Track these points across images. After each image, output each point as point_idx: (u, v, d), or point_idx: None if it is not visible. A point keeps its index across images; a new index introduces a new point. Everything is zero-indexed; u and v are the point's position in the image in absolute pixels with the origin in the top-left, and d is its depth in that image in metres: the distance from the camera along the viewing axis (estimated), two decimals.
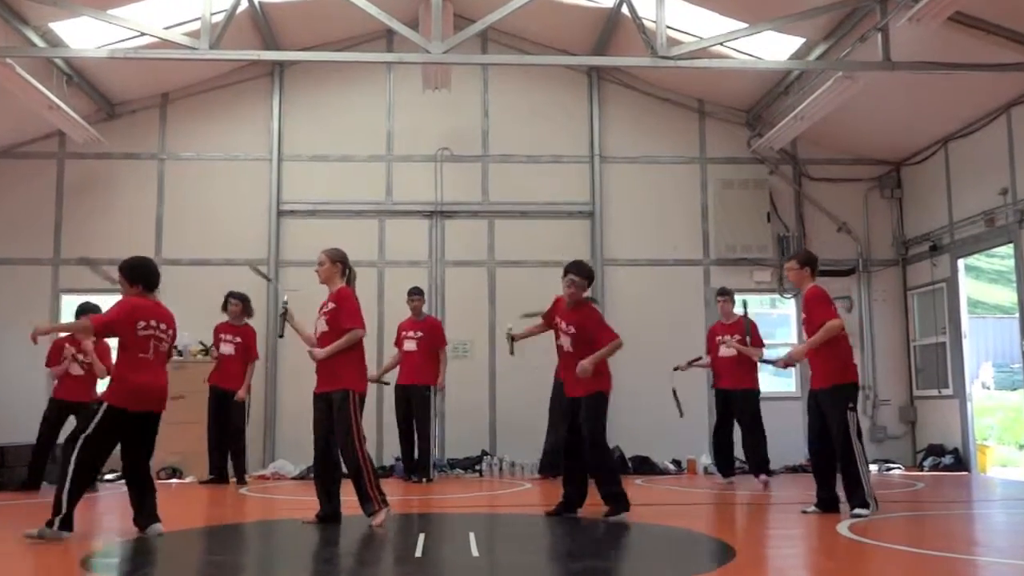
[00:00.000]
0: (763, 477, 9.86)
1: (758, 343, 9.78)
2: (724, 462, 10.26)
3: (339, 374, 6.46)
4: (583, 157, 12.99)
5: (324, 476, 6.61)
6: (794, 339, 12.44)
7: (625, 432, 11.91)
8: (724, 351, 10.04)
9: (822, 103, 10.54)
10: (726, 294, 10.13)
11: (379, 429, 11.89)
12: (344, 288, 6.63)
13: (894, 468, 12.01)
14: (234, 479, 10.48)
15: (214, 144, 13.04)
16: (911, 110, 11.33)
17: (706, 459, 11.65)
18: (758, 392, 9.82)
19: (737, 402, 9.86)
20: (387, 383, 10.75)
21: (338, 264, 6.70)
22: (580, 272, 7.02)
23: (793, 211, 13.02)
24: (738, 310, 9.88)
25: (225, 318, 10.84)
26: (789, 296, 12.67)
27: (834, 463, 6.95)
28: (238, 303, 10.69)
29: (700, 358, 10.45)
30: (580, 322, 6.92)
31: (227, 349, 10.69)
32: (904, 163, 12.88)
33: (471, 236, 12.65)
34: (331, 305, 6.56)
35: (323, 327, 6.55)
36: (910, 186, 12.91)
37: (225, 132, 13.04)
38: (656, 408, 11.22)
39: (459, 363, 12.21)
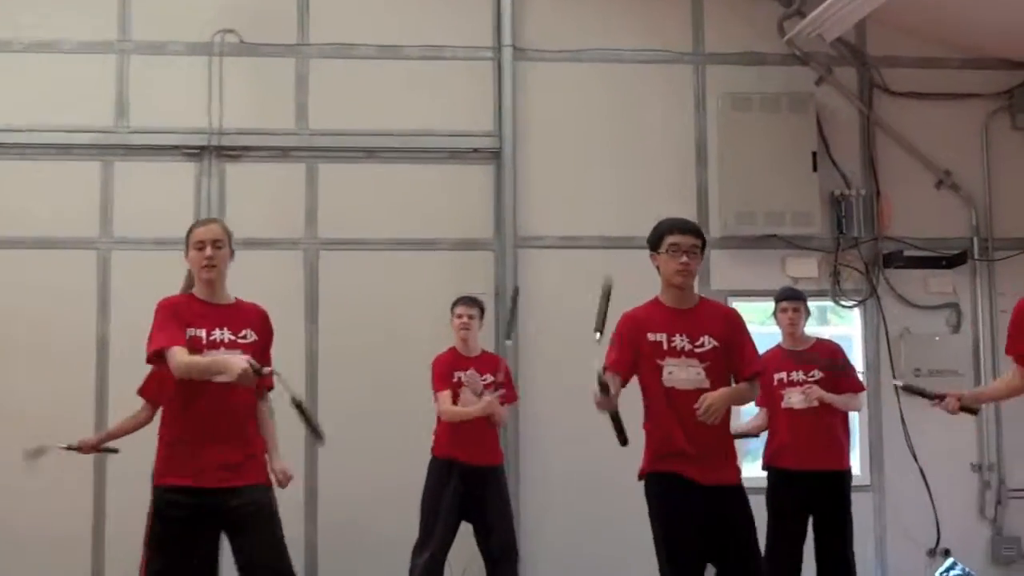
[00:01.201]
0: None
1: (854, 385, 5.97)
2: None
3: None
4: (481, 51, 7.72)
5: None
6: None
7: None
8: (797, 400, 5.87)
9: None
10: (796, 298, 6.03)
11: None
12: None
13: None
14: None
15: None
16: None
17: None
18: (850, 477, 5.95)
19: (821, 498, 5.80)
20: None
21: None
22: None
23: (858, 151, 7.86)
24: (810, 330, 6.08)
25: None
26: (851, 303, 7.57)
27: None
28: None
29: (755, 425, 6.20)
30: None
31: None
32: None
33: (274, 192, 7.49)
34: None
35: None
36: None
37: None
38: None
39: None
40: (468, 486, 5.72)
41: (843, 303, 7.60)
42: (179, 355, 3.78)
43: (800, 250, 7.59)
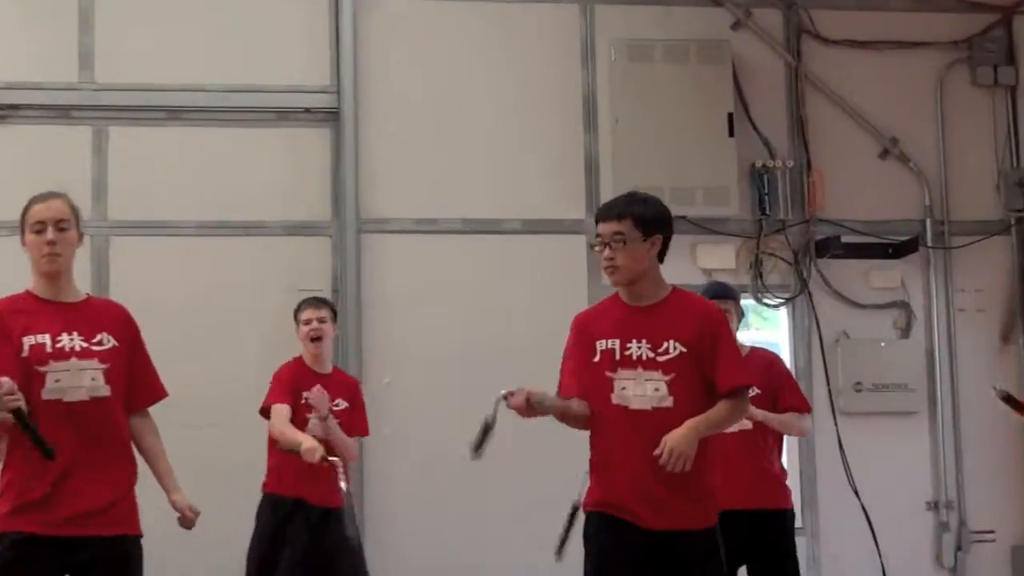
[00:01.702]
0: None
1: (798, 403, 5.41)
2: None
3: None
4: None
5: None
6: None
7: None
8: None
9: None
10: (724, 296, 5.38)
11: None
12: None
13: None
14: None
15: None
16: None
17: None
18: (792, 515, 5.48)
19: (757, 545, 5.27)
20: None
21: None
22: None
23: (784, 113, 7.45)
24: (743, 337, 5.63)
25: None
26: (776, 301, 7.30)
27: None
28: None
29: None
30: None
31: None
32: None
33: (51, 161, 6.59)
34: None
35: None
36: None
37: None
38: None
39: None
40: (315, 535, 5.27)
41: (766, 301, 7.20)
42: None
43: (713, 235, 7.10)
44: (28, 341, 3.55)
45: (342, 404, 5.33)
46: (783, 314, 7.21)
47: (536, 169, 6.86)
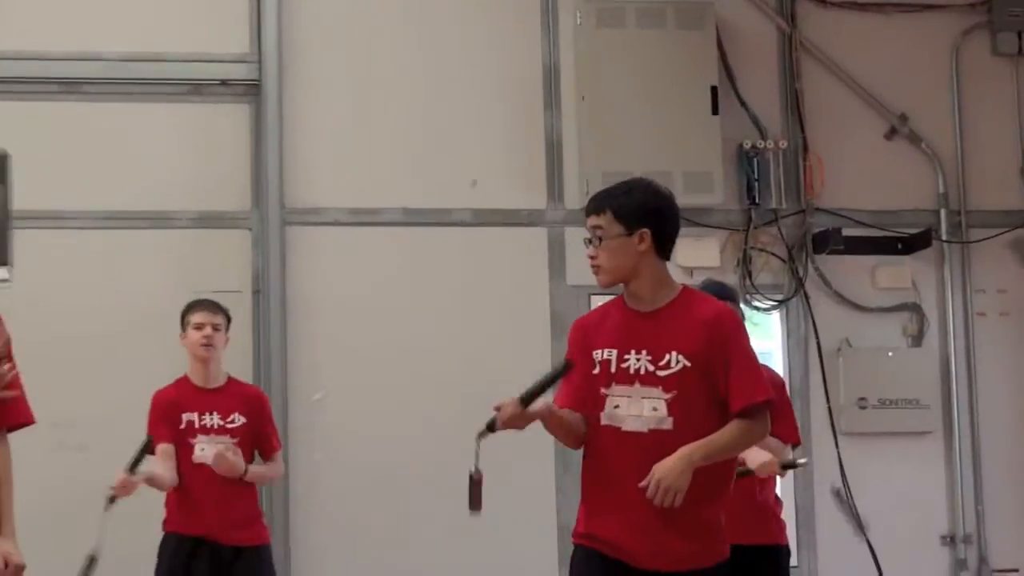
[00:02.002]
0: None
1: (787, 431, 5.02)
2: None
3: None
4: None
5: None
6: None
7: None
8: None
9: None
10: (725, 298, 4.45)
11: None
12: None
13: None
14: None
15: None
16: None
17: None
18: (787, 551, 5.39)
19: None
20: None
21: None
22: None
23: (777, 86, 7.11)
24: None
25: None
26: (767, 304, 7.01)
27: None
28: None
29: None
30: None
31: None
32: None
33: None
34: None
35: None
36: None
37: None
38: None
39: None
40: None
41: (756, 304, 6.87)
42: None
43: (695, 227, 6.57)
44: None
45: (239, 420, 5.11)
46: (775, 319, 6.90)
47: (490, 153, 6.53)
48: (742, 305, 5.61)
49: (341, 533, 6.20)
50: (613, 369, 3.46)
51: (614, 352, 3.45)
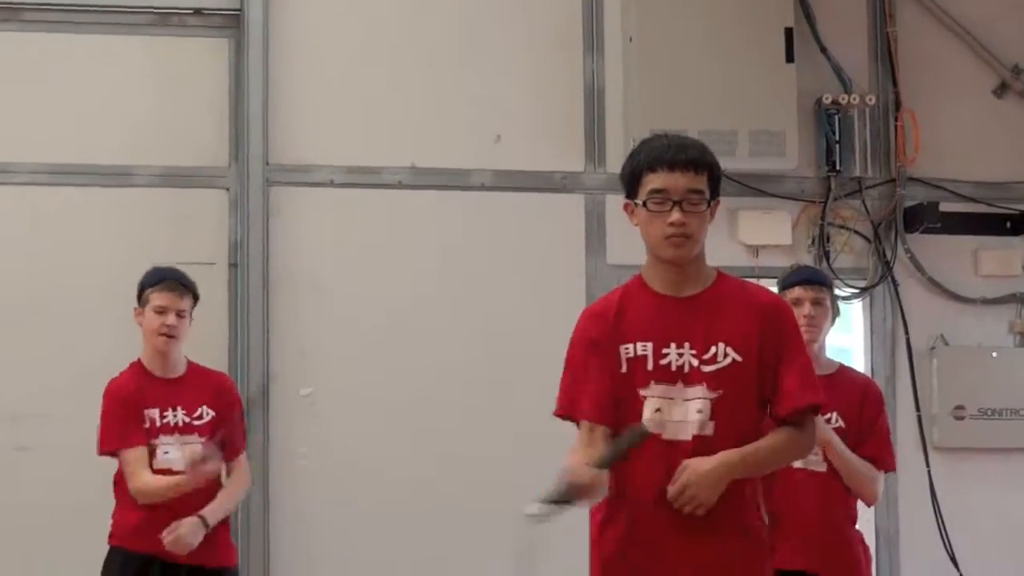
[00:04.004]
0: None
1: (882, 455, 4.63)
2: None
3: None
4: None
5: None
6: None
7: None
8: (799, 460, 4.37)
9: None
10: (815, 282, 4.59)
11: None
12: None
13: None
14: None
15: None
16: None
17: None
18: None
19: None
20: None
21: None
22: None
23: (865, 31, 6.36)
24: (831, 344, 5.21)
25: None
26: (849, 292, 6.33)
27: None
28: None
29: None
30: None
31: None
32: None
33: None
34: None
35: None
36: None
37: None
38: None
39: None
40: None
41: (835, 292, 6.04)
42: None
43: (763, 197, 6.08)
44: None
45: (207, 414, 4.76)
46: (856, 310, 6.24)
47: (517, 103, 5.86)
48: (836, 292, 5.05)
49: (330, 548, 5.64)
50: (650, 366, 3.20)
51: (649, 346, 3.21)
